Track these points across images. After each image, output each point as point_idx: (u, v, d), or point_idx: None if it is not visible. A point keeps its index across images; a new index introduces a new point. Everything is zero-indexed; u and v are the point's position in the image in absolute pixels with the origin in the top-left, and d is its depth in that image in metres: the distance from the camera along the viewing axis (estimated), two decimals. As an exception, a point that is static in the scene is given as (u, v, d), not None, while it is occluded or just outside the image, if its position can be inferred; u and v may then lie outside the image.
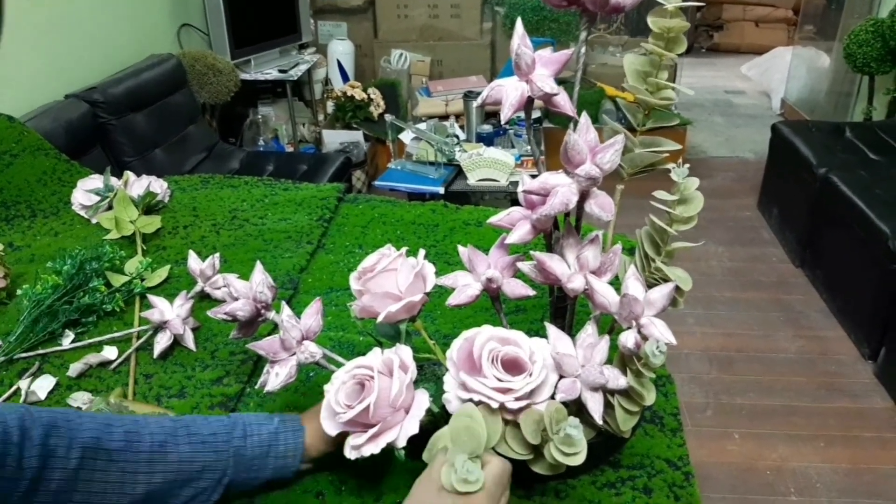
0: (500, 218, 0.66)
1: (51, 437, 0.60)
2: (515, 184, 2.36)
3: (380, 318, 0.68)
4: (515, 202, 0.66)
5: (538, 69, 0.59)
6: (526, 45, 0.59)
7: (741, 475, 1.85)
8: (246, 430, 0.71)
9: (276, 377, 0.71)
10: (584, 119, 0.57)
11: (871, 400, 2.11)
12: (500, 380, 0.61)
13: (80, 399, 0.87)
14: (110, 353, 0.96)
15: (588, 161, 0.57)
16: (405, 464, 0.72)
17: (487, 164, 2.38)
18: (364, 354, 0.70)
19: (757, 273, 2.81)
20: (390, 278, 0.69)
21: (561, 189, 0.57)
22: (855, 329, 2.36)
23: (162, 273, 1.14)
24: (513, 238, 0.63)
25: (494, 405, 0.60)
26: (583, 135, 0.56)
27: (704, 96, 5.06)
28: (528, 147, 2.60)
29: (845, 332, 2.40)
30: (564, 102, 0.58)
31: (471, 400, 0.61)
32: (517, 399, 0.60)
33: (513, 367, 0.63)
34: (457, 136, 2.63)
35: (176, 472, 0.66)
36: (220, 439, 0.69)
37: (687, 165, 0.64)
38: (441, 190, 2.39)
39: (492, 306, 0.93)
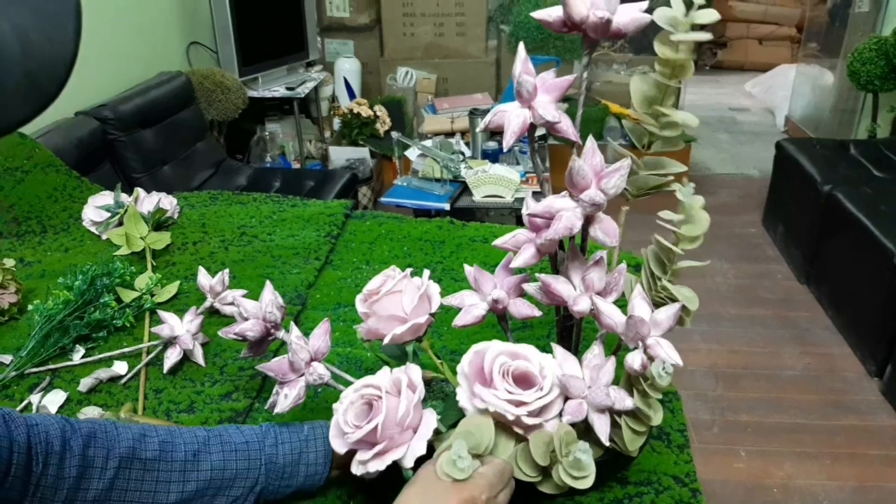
0: (505, 240, 0.67)
1: (89, 447, 0.62)
2: (521, 200, 2.37)
3: (386, 341, 0.69)
4: (520, 219, 0.67)
5: (540, 95, 0.60)
6: (527, 71, 0.60)
7: (748, 493, 1.84)
8: (277, 437, 0.72)
9: (284, 398, 0.71)
10: (591, 143, 0.58)
11: (878, 417, 2.10)
12: (511, 393, 0.61)
13: (90, 414, 0.88)
14: (120, 368, 0.97)
15: (593, 186, 0.58)
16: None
17: (493, 181, 2.40)
18: (372, 370, 0.71)
19: (762, 290, 2.81)
20: (395, 300, 0.70)
21: (565, 214, 0.58)
22: (861, 346, 2.36)
23: (171, 289, 1.15)
24: (518, 262, 0.64)
25: (511, 416, 0.60)
26: (588, 159, 0.57)
27: (708, 113, 5.09)
28: (533, 164, 2.61)
29: (851, 349, 2.40)
30: (567, 128, 0.59)
31: (486, 410, 0.62)
32: (530, 414, 0.61)
33: (523, 381, 0.63)
34: (462, 153, 2.65)
35: (208, 481, 0.67)
36: (252, 448, 0.70)
37: (692, 184, 0.65)
38: (447, 206, 2.41)
39: (498, 322, 0.93)
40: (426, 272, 0.75)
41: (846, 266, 2.49)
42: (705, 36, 0.62)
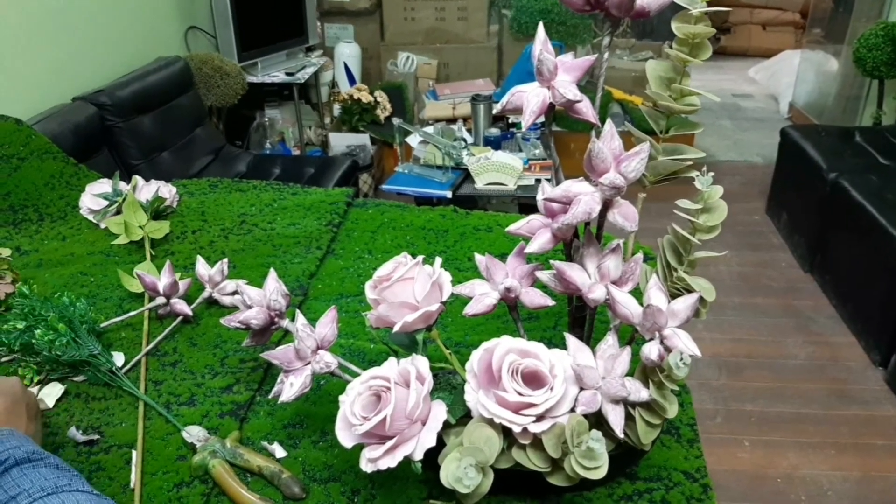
0: (519, 226, 0.64)
1: None
2: (523, 188, 2.35)
3: (396, 328, 0.67)
4: (523, 206, 0.65)
5: (560, 75, 0.58)
6: (548, 50, 0.57)
7: (752, 483, 1.83)
8: None
9: (290, 387, 0.69)
10: (609, 126, 0.56)
11: (882, 407, 2.09)
12: (520, 393, 0.59)
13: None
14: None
15: (612, 170, 0.56)
16: (419, 476, 0.71)
17: (495, 168, 2.37)
18: (375, 362, 0.69)
19: (766, 278, 2.79)
20: (406, 287, 0.68)
21: (584, 198, 0.56)
22: (865, 335, 2.34)
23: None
24: (533, 247, 0.62)
25: (517, 429, 0.59)
26: (607, 142, 0.55)
27: (712, 100, 5.05)
28: (536, 151, 2.59)
29: (855, 338, 2.38)
30: (587, 109, 0.57)
31: (492, 420, 0.60)
32: (538, 419, 0.59)
33: (533, 380, 0.61)
34: (464, 140, 2.62)
35: None
36: None
37: (711, 174, 0.63)
38: (449, 194, 2.38)
39: (504, 313, 0.91)
40: (437, 260, 0.73)
41: (851, 254, 2.47)
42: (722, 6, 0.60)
